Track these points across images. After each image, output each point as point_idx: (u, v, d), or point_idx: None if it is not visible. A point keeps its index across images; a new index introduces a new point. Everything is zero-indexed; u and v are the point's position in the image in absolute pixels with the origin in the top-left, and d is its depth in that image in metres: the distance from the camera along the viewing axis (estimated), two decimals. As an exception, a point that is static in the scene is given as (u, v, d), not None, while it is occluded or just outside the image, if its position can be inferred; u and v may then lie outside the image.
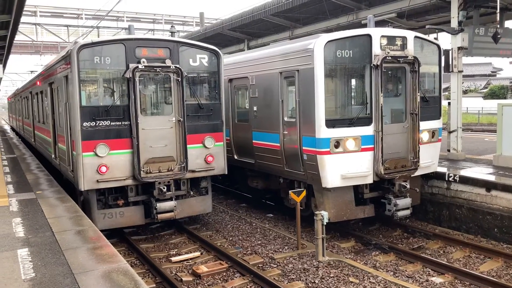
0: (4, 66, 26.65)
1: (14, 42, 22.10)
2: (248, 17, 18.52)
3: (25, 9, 14.88)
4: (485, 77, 61.50)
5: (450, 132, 13.11)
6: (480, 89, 55.99)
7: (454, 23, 12.59)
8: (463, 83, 13.26)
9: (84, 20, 37.56)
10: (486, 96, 49.78)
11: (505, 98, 46.90)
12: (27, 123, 20.84)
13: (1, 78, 27.50)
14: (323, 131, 9.03)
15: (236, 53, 15.47)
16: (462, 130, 13.48)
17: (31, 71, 37.09)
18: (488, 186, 9.88)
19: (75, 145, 9.10)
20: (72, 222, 7.35)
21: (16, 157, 16.40)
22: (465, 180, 10.37)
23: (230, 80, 12.38)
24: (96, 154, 8.98)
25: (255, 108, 11.36)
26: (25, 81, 27.97)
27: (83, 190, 9.06)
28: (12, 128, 39.01)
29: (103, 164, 9.04)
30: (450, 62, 12.68)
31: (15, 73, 53.65)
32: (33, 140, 18.57)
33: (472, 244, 9.41)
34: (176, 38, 11.07)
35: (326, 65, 9.05)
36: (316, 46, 9.01)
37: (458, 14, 12.44)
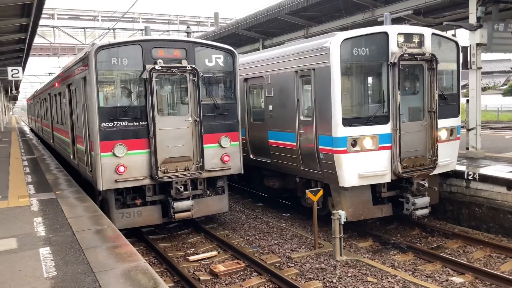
0: (23, 69, 27.14)
1: (33, 44, 22.49)
2: (263, 16, 18.50)
3: (43, 12, 15.14)
4: (505, 73, 60.41)
5: (469, 130, 12.92)
6: (500, 86, 55.03)
7: (472, 19, 12.39)
8: (481, 80, 13.05)
9: (101, 22, 38.05)
10: (506, 93, 48.87)
11: (525, 95, 46.03)
12: (46, 124, 21.19)
13: (21, 80, 28.01)
14: (340, 130, 8.98)
15: (251, 53, 15.49)
16: (481, 128, 13.28)
17: (49, 73, 37.66)
18: (509, 184, 9.70)
19: (94, 145, 9.22)
20: (91, 222, 7.45)
21: (36, 157, 16.69)
22: (485, 179, 10.20)
23: (246, 80, 12.40)
24: (114, 154, 9.08)
25: (270, 108, 11.36)
26: (44, 83, 28.41)
27: (101, 190, 9.17)
28: (32, 130, 39.70)
29: (121, 164, 9.13)
30: (469, 59, 12.48)
31: (33, 75, 54.55)
32: (52, 141, 18.87)
33: (493, 243, 9.26)
34: (192, 39, 11.14)
35: (342, 64, 9.00)
36: (332, 44, 8.96)
37: (477, 9, 12.24)
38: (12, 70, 20.26)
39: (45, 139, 22.93)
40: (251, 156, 12.48)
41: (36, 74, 54.02)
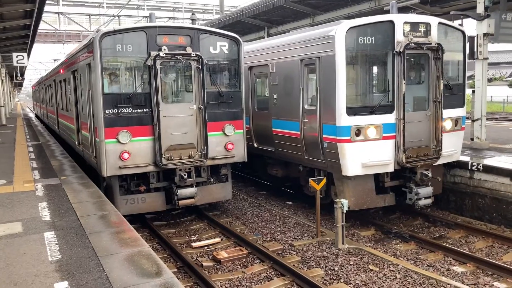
0: (28, 55, 27.17)
1: (38, 31, 22.48)
2: (268, 4, 18.37)
3: (48, -2, 15.13)
4: (511, 64, 59.91)
5: (474, 121, 12.86)
6: (506, 77, 54.62)
7: (480, 9, 12.26)
8: (488, 70, 12.95)
9: (106, 9, 37.90)
10: (512, 85, 48.53)
11: (531, 86, 45.66)
12: (51, 110, 21.26)
13: (26, 66, 28.06)
14: (343, 119, 8.97)
15: (256, 41, 15.41)
16: (486, 119, 13.21)
17: (54, 60, 37.69)
18: (513, 175, 9.68)
19: (98, 132, 9.26)
20: (95, 207, 7.51)
21: (41, 144, 16.78)
22: (488, 169, 10.18)
23: (250, 68, 12.36)
24: (118, 141, 9.12)
25: (275, 96, 11.34)
26: (49, 69, 28.45)
27: (106, 176, 9.23)
28: (37, 116, 39.85)
29: (125, 150, 9.18)
30: (475, 49, 12.38)
31: (38, 61, 54.60)
32: (57, 127, 18.95)
33: (495, 234, 9.27)
34: (196, 26, 11.08)
35: (347, 52, 8.96)
36: (338, 32, 8.91)
37: (485, -1, 12.11)
38: (17, 56, 20.29)
39: (50, 125, 23.03)
40: (255, 145, 12.50)
41: (42, 60, 54.06)
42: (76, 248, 5.45)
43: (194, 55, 9.60)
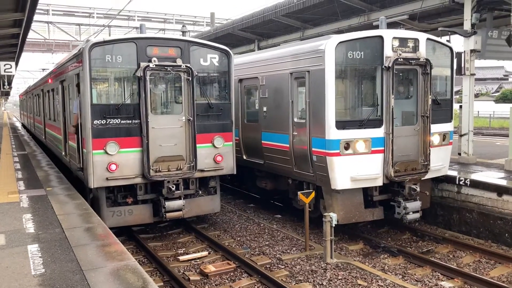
0: (16, 64, 26.89)
1: (27, 40, 22.30)
2: (259, 17, 18.50)
3: (37, 7, 14.99)
4: (497, 80, 61.02)
5: (461, 136, 12.99)
6: (492, 93, 55.54)
7: (467, 26, 12.48)
8: (474, 86, 13.14)
9: (96, 19, 37.81)
10: (498, 100, 49.33)
11: (517, 102, 46.41)
12: (38, 120, 21.02)
13: (13, 75, 27.77)
14: (332, 133, 9.00)
15: (246, 53, 15.48)
16: (474, 134, 13.35)
17: (43, 69, 37.42)
18: (500, 190, 9.77)
19: (85, 142, 9.15)
20: (81, 219, 7.38)
21: (27, 154, 16.54)
22: (476, 184, 10.26)
23: (240, 80, 12.38)
24: (106, 152, 9.02)
25: (264, 109, 11.35)
26: (37, 79, 28.21)
27: (92, 187, 9.10)
28: (24, 126, 39.38)
29: (113, 162, 9.07)
30: (463, 65, 12.56)
31: (27, 70, 54.15)
32: (43, 137, 18.72)
33: (483, 249, 9.31)
34: (187, 38, 11.08)
35: (337, 66, 9.01)
36: (327, 47, 8.97)
37: (472, 16, 12.33)
38: (4, 65, 20.06)
39: (37, 135, 22.76)
40: (244, 157, 12.46)
41: (30, 69, 53.59)
42: (61, 262, 5.33)
43: (184, 66, 9.58)
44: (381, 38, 9.26)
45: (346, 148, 9.08)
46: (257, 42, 22.08)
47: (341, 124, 9.06)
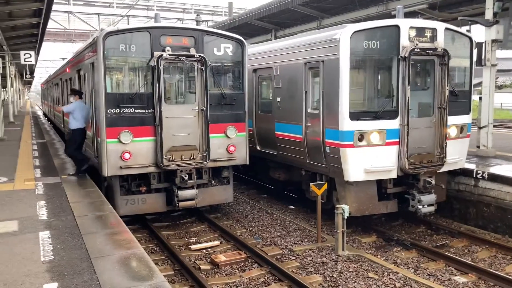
0: (37, 53, 27.35)
1: (47, 30, 22.60)
2: (276, 6, 18.30)
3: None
4: (522, 72, 59.21)
5: (480, 128, 12.68)
6: (516, 85, 54.03)
7: (488, 15, 12.10)
8: (498, 78, 12.79)
9: (115, 9, 38.05)
10: (522, 92, 47.96)
11: (542, 94, 45.09)
12: (58, 109, 21.35)
13: (34, 64, 28.23)
14: (346, 124, 8.87)
15: (260, 43, 15.36)
16: (495, 127, 13.05)
17: (63, 59, 37.94)
18: (519, 184, 9.52)
19: (100, 131, 9.24)
20: (93, 207, 7.49)
21: (46, 142, 16.85)
22: (494, 178, 10.01)
23: (255, 70, 12.30)
24: (120, 141, 9.09)
25: (278, 99, 11.26)
26: (57, 68, 28.64)
27: (106, 176, 9.20)
28: (45, 114, 40.10)
29: (127, 151, 9.15)
30: (483, 56, 12.22)
31: (48, 60, 54.97)
32: (62, 126, 19.01)
33: (499, 244, 9.10)
34: (201, 27, 11.05)
35: (352, 56, 8.85)
36: (342, 36, 8.82)
37: (494, 5, 11.94)
38: (24, 54, 20.41)
39: (57, 123, 23.14)
40: (258, 148, 12.42)
41: (51, 59, 54.39)
42: (70, 249, 5.41)
43: (198, 56, 9.56)
44: (397, 27, 9.05)
45: (360, 139, 8.95)
46: (274, 31, 21.88)
47: (355, 115, 8.92)
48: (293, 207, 11.93)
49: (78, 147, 10.75)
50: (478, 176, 10.28)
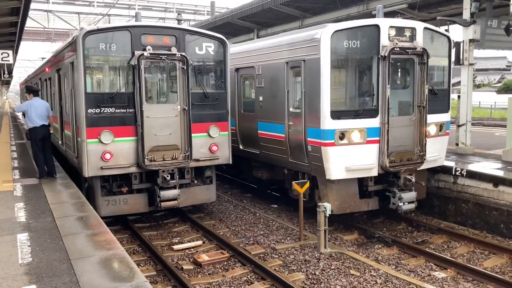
0: (15, 53, 26.79)
1: (26, 29, 22.17)
2: (258, 6, 18.32)
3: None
4: (500, 71, 60.51)
5: (459, 126, 12.92)
6: (494, 83, 55.11)
7: (466, 15, 12.34)
8: (476, 77, 13.05)
9: (96, 8, 37.57)
10: (500, 91, 48.94)
11: (519, 93, 46.10)
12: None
13: (13, 64, 27.69)
14: (328, 123, 8.94)
15: (243, 42, 15.35)
16: (474, 125, 13.31)
17: (42, 58, 37.33)
18: (496, 181, 9.74)
19: (80, 131, 9.13)
20: (74, 208, 7.39)
21: (25, 143, 16.53)
22: (472, 175, 10.22)
23: (237, 70, 12.30)
24: (100, 141, 9.00)
25: (261, 98, 11.28)
26: (36, 68, 28.15)
27: (87, 176, 9.09)
28: (23, 114, 39.34)
29: (107, 151, 9.05)
30: (461, 55, 12.44)
31: (27, 59, 54.00)
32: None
33: (477, 239, 9.29)
34: (182, 26, 11.03)
35: (332, 56, 8.92)
36: (323, 36, 8.88)
37: (471, 5, 12.18)
38: (1, 54, 20.00)
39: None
40: (241, 147, 12.43)
41: (30, 58, 53.48)
42: (49, 251, 5.34)
43: (179, 55, 9.51)
44: (377, 27, 9.15)
45: (341, 138, 9.03)
46: (256, 31, 21.90)
47: (336, 114, 9.00)
48: (276, 206, 11.97)
49: (41, 148, 10.09)
50: (457, 173, 10.48)
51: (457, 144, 12.97)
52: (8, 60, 20.29)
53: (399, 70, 10.04)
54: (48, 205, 7.48)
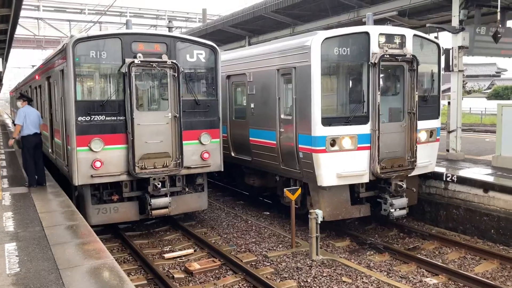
0: (5, 60, 26.62)
1: (17, 36, 22.08)
2: (249, 13, 18.39)
3: (28, 3, 14.75)
4: (489, 77, 61.14)
5: (449, 132, 13.00)
6: (484, 90, 55.68)
7: (455, 22, 12.47)
8: (466, 83, 13.18)
9: (87, 15, 37.50)
10: (490, 97, 49.43)
11: (509, 99, 46.51)
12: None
13: (2, 71, 27.49)
14: (318, 129, 8.95)
15: (234, 50, 15.39)
16: (464, 131, 13.41)
17: (33, 66, 37.12)
18: (486, 186, 9.80)
19: (70, 139, 9.06)
20: (63, 217, 7.32)
21: (14, 151, 16.39)
22: (462, 181, 10.28)
23: (228, 77, 12.30)
24: (90, 149, 8.93)
25: (252, 105, 11.29)
26: (27, 75, 27.99)
27: (77, 185, 9.01)
28: (13, 122, 39.04)
29: (98, 159, 8.99)
30: (451, 62, 12.56)
31: (17, 67, 53.66)
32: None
33: (468, 245, 9.32)
34: (173, 34, 10.98)
35: (323, 63, 8.96)
36: (313, 43, 8.92)
37: (459, 13, 12.32)
38: (-9, 61, 19.84)
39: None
40: (233, 154, 12.40)
41: (20, 66, 53.14)
42: (37, 261, 5.27)
43: (170, 63, 9.50)
44: (367, 34, 9.21)
45: (332, 144, 9.05)
46: (247, 38, 21.96)
47: (327, 121, 9.02)
48: (268, 213, 11.94)
49: (32, 156, 10.01)
50: (448, 179, 10.53)
51: (447, 150, 13.05)
52: (-2, 68, 20.12)
53: (389, 77, 10.11)
54: (37, 214, 7.40)
